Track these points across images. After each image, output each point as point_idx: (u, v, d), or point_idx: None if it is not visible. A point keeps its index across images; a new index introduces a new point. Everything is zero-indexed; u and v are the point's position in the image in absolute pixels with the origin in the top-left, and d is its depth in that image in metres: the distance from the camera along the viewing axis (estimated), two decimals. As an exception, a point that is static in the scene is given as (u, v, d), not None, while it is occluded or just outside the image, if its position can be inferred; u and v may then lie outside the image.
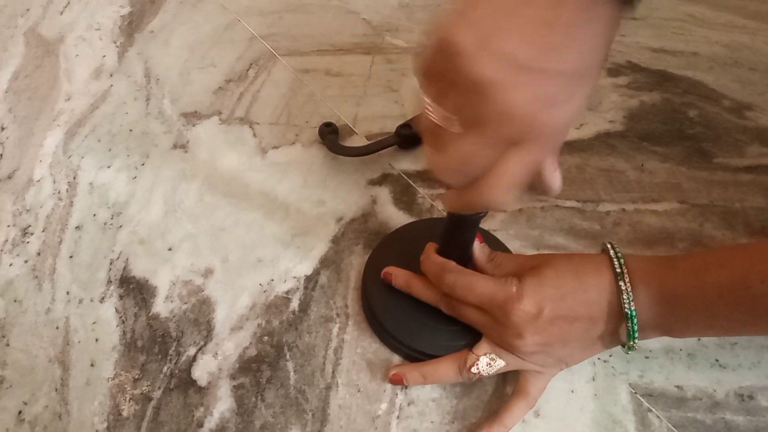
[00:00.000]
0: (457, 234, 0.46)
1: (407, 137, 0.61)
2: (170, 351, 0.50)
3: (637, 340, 0.41)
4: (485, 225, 0.56)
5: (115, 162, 0.62)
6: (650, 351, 0.49)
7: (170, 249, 0.55)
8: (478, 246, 0.47)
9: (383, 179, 0.60)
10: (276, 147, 0.63)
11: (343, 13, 0.77)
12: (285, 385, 0.48)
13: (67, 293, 0.53)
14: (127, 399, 0.47)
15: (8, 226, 0.57)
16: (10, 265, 0.54)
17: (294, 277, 0.54)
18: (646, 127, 0.65)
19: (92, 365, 0.49)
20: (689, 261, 0.41)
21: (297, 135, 0.64)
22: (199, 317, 0.51)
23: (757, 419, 0.46)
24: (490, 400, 0.47)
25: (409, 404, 0.47)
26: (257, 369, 0.49)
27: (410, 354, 0.48)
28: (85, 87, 0.69)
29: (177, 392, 0.48)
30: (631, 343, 0.42)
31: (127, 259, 0.55)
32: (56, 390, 0.48)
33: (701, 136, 0.64)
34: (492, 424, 0.45)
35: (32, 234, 0.56)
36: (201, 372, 0.49)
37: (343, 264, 0.54)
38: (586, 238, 0.56)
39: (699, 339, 0.50)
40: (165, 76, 0.70)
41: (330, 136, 0.61)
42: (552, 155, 0.37)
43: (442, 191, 0.59)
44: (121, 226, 0.57)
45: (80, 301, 0.52)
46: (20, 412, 0.47)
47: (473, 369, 0.45)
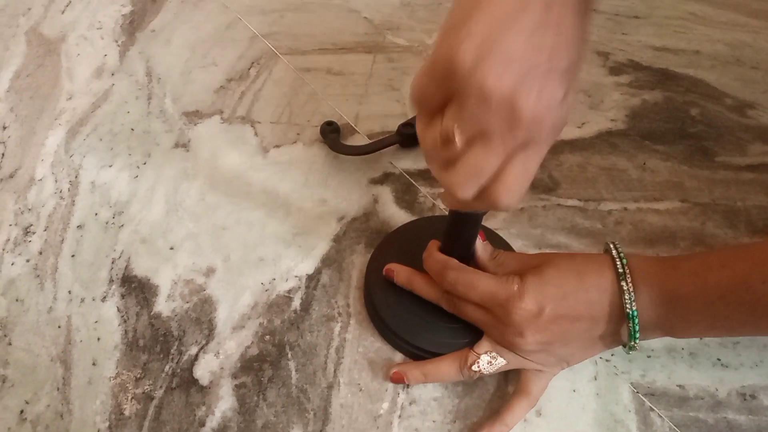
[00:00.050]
0: (460, 231, 0.46)
1: (409, 136, 0.61)
2: (172, 350, 0.50)
3: (639, 341, 0.41)
4: (487, 223, 0.56)
5: (117, 161, 0.62)
6: (652, 350, 0.49)
7: (172, 248, 0.55)
8: (481, 244, 0.47)
9: (385, 178, 0.60)
10: (277, 146, 0.63)
11: (345, 12, 0.77)
12: (287, 385, 0.48)
13: (69, 292, 0.53)
14: (129, 398, 0.47)
15: (10, 225, 0.57)
16: (12, 264, 0.54)
17: (296, 276, 0.54)
18: (648, 126, 0.65)
19: (94, 364, 0.49)
20: (691, 261, 0.41)
21: (298, 134, 0.64)
22: (201, 316, 0.51)
23: (760, 418, 0.46)
24: (492, 400, 0.47)
25: (411, 403, 0.47)
26: (259, 368, 0.49)
27: (411, 351, 0.48)
28: (87, 86, 0.69)
29: (179, 391, 0.48)
30: (632, 344, 0.42)
31: (129, 258, 0.55)
32: (58, 389, 0.48)
33: (703, 135, 0.64)
34: (494, 423, 0.45)
35: (34, 233, 0.56)
36: (203, 371, 0.49)
37: (345, 263, 0.54)
38: (588, 237, 0.56)
39: (701, 338, 0.50)
40: (166, 75, 0.70)
41: (331, 135, 0.61)
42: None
43: (444, 190, 0.58)
44: (123, 225, 0.57)
45: (82, 300, 0.52)
46: (22, 411, 0.47)
47: (474, 367, 0.45)
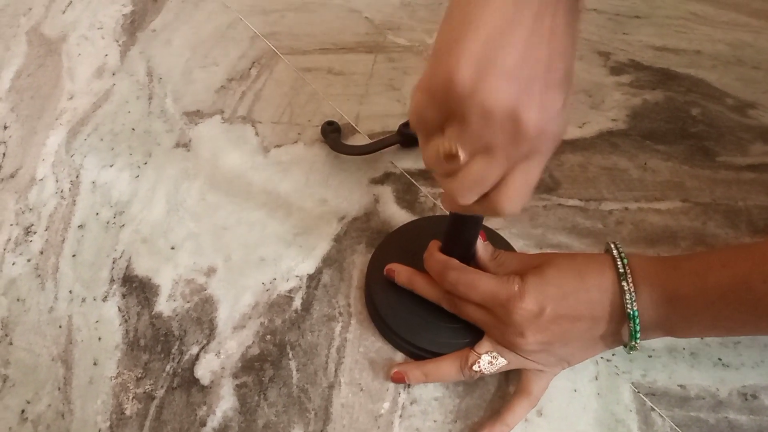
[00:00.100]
0: (460, 232, 0.46)
1: (409, 136, 0.61)
2: (173, 350, 0.50)
3: (639, 341, 0.41)
4: (488, 223, 0.56)
5: (118, 161, 0.62)
6: (653, 350, 0.49)
7: (173, 248, 0.55)
8: (482, 244, 0.47)
9: (385, 178, 0.60)
10: (278, 146, 0.63)
11: (345, 12, 0.77)
12: (288, 384, 0.48)
13: (70, 292, 0.53)
14: (130, 398, 0.47)
15: (11, 225, 0.57)
16: (13, 264, 0.55)
17: (296, 276, 0.54)
18: (649, 126, 0.65)
19: (95, 364, 0.49)
20: (692, 261, 0.41)
21: (299, 134, 0.64)
22: (202, 316, 0.51)
23: (761, 418, 0.46)
24: (493, 399, 0.47)
25: (412, 403, 0.47)
26: (260, 368, 0.49)
27: (412, 351, 0.48)
28: (88, 86, 0.69)
29: (180, 391, 0.48)
30: (633, 344, 0.42)
31: (130, 258, 0.55)
32: (59, 389, 0.48)
33: (704, 135, 0.64)
34: (494, 424, 0.45)
35: (35, 233, 0.56)
36: (204, 371, 0.49)
37: (346, 263, 0.54)
38: (589, 237, 0.56)
39: (702, 338, 0.50)
40: (167, 75, 0.70)
41: (332, 135, 0.61)
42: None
43: (444, 193, 0.58)
44: (124, 225, 0.57)
45: (83, 300, 0.52)
46: (23, 411, 0.47)
47: (475, 367, 0.45)
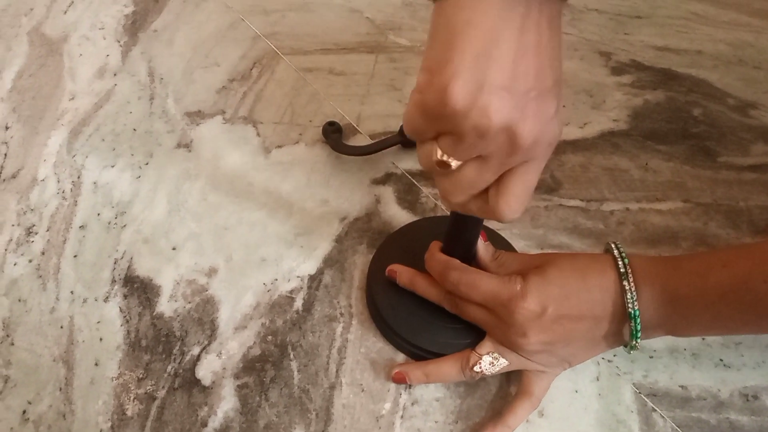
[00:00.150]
0: (461, 232, 0.46)
1: (411, 136, 0.60)
2: (174, 350, 0.50)
3: (640, 340, 0.41)
4: (489, 223, 0.56)
5: (119, 161, 0.62)
6: (654, 351, 0.49)
7: (174, 248, 0.55)
8: (482, 244, 0.47)
9: (387, 178, 0.60)
10: (279, 146, 0.63)
11: (347, 12, 0.77)
12: (289, 385, 0.48)
13: (72, 293, 0.53)
14: (132, 398, 0.47)
15: (12, 226, 0.57)
16: (15, 265, 0.55)
17: (298, 277, 0.54)
18: (650, 126, 0.65)
19: (96, 364, 0.49)
20: (693, 261, 0.41)
21: (300, 134, 0.64)
22: (203, 317, 0.51)
23: (762, 419, 0.46)
24: (494, 400, 0.47)
25: (413, 404, 0.47)
26: (261, 368, 0.49)
27: (413, 352, 0.48)
28: (89, 86, 0.69)
29: (181, 392, 0.48)
30: (634, 343, 0.42)
31: (131, 259, 0.55)
32: (60, 389, 0.48)
33: (705, 135, 0.64)
34: (496, 425, 0.45)
35: (36, 233, 0.57)
36: (205, 371, 0.49)
37: (347, 263, 0.54)
38: (590, 238, 0.56)
39: (703, 339, 0.50)
40: (169, 76, 0.70)
41: (333, 135, 0.61)
42: None
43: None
44: (125, 226, 0.57)
45: (84, 301, 0.52)
46: (25, 412, 0.47)
47: (476, 368, 0.45)
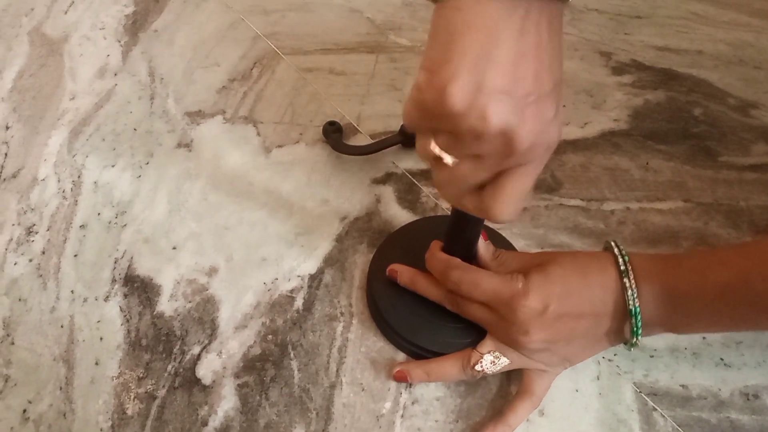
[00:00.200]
0: (462, 231, 0.46)
1: (411, 136, 0.60)
2: (174, 350, 0.50)
3: (641, 337, 0.42)
4: (489, 223, 0.56)
5: (120, 161, 0.62)
6: (655, 350, 0.49)
7: (174, 248, 0.55)
8: (483, 243, 0.47)
9: (387, 178, 0.60)
10: (280, 146, 0.63)
11: (347, 12, 0.77)
12: (289, 384, 0.48)
13: (72, 292, 0.53)
14: (132, 398, 0.47)
15: (13, 225, 0.57)
16: (15, 264, 0.55)
17: (298, 276, 0.54)
18: (651, 126, 0.65)
19: (97, 364, 0.49)
20: (693, 259, 0.41)
21: (301, 134, 0.64)
22: (204, 316, 0.51)
23: (763, 418, 0.46)
24: (495, 399, 0.47)
25: (414, 403, 0.47)
26: (261, 368, 0.49)
27: (414, 351, 0.48)
28: (90, 86, 0.69)
29: (181, 391, 0.48)
30: (634, 340, 0.42)
31: (132, 258, 0.55)
32: (61, 388, 0.48)
33: (706, 135, 0.64)
34: (496, 424, 0.45)
35: (37, 233, 0.57)
36: (205, 371, 0.49)
37: (347, 263, 0.54)
38: (591, 237, 0.56)
39: (704, 338, 0.50)
40: (169, 76, 0.70)
41: (334, 135, 0.61)
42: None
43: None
44: (126, 225, 0.57)
45: (85, 300, 0.52)
46: (25, 411, 0.47)
47: (477, 367, 0.45)
